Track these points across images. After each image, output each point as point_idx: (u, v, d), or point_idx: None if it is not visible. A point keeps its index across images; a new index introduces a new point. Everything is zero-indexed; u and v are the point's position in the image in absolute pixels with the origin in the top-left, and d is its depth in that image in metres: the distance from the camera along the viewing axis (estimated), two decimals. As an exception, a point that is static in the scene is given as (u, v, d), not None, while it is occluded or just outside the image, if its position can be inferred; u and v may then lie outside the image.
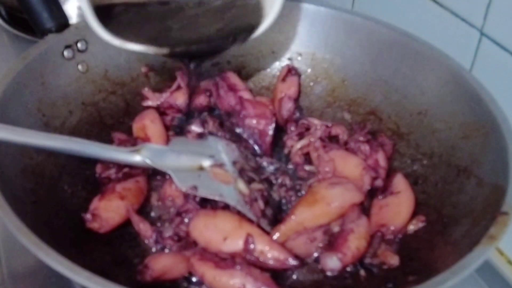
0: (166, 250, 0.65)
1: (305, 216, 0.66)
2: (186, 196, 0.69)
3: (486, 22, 0.76)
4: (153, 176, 0.74)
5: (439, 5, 0.83)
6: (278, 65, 0.88)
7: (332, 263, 0.63)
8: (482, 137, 0.66)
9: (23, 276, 0.71)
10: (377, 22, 0.81)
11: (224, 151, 0.75)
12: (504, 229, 0.54)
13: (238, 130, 0.78)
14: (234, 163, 0.74)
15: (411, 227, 0.68)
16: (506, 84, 0.73)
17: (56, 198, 0.67)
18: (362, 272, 0.64)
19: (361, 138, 0.77)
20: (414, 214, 0.69)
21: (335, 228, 0.67)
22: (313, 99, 0.87)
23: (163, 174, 0.71)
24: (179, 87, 0.82)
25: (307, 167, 0.77)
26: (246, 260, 0.61)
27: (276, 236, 0.65)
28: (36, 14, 0.74)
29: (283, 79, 0.84)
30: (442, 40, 0.78)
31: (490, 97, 0.67)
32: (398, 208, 0.69)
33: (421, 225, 0.68)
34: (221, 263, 0.60)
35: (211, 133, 0.79)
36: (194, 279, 0.62)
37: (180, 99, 0.82)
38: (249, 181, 0.72)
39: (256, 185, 0.71)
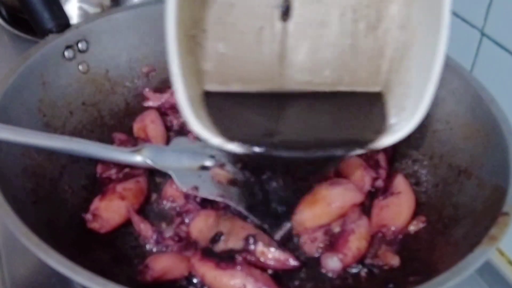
0: (167, 250, 0.65)
1: (305, 216, 0.66)
2: (186, 196, 0.69)
3: (486, 22, 0.75)
4: (154, 177, 0.74)
5: (439, 5, 0.83)
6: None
7: (333, 263, 0.63)
8: (483, 137, 0.66)
9: (23, 276, 0.71)
10: (378, 23, 0.81)
11: (224, 151, 0.75)
12: (505, 229, 0.54)
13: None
14: (235, 163, 0.74)
15: (412, 228, 0.68)
16: (507, 84, 0.73)
17: (56, 198, 0.67)
18: (363, 273, 0.64)
19: (362, 139, 0.77)
20: (414, 215, 0.69)
21: (336, 229, 0.67)
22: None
23: (164, 174, 0.71)
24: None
25: (307, 168, 0.77)
26: (246, 261, 0.61)
27: (276, 236, 0.65)
28: (37, 14, 0.74)
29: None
30: (443, 41, 0.77)
31: (491, 98, 0.67)
32: (398, 209, 0.69)
33: (421, 225, 0.68)
34: (221, 263, 0.60)
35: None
36: (194, 280, 0.62)
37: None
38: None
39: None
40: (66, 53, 0.76)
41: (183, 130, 0.82)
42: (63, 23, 0.76)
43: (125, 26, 0.82)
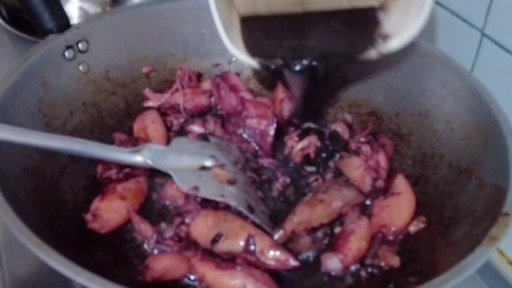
0: (167, 250, 0.65)
1: (306, 217, 0.66)
2: (187, 196, 0.69)
3: (487, 23, 0.75)
4: (154, 177, 0.74)
5: (440, 5, 0.83)
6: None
7: (333, 264, 0.63)
8: (483, 137, 0.66)
9: (24, 277, 0.71)
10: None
11: (225, 151, 0.75)
12: (505, 230, 0.54)
13: (239, 131, 0.78)
14: (235, 163, 0.74)
15: (412, 228, 0.68)
16: (507, 84, 0.73)
17: (57, 198, 0.67)
18: (363, 273, 0.64)
19: (362, 139, 0.77)
20: (415, 215, 0.69)
21: (336, 229, 0.67)
22: (314, 100, 0.87)
23: (164, 174, 0.71)
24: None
25: (308, 168, 0.77)
26: (247, 261, 0.61)
27: (277, 236, 0.65)
28: (37, 14, 0.74)
29: (284, 80, 0.85)
30: (443, 41, 0.77)
31: (491, 98, 0.67)
32: (399, 209, 0.69)
33: (422, 226, 0.68)
34: (221, 263, 0.60)
35: (212, 134, 0.80)
36: (194, 280, 0.62)
37: (180, 99, 0.82)
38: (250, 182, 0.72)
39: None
40: (66, 53, 0.76)
41: (183, 130, 0.82)
42: (63, 23, 0.76)
43: (125, 26, 0.82)
